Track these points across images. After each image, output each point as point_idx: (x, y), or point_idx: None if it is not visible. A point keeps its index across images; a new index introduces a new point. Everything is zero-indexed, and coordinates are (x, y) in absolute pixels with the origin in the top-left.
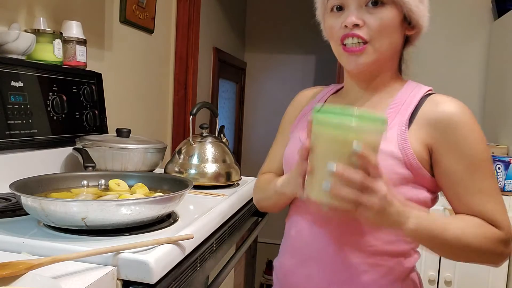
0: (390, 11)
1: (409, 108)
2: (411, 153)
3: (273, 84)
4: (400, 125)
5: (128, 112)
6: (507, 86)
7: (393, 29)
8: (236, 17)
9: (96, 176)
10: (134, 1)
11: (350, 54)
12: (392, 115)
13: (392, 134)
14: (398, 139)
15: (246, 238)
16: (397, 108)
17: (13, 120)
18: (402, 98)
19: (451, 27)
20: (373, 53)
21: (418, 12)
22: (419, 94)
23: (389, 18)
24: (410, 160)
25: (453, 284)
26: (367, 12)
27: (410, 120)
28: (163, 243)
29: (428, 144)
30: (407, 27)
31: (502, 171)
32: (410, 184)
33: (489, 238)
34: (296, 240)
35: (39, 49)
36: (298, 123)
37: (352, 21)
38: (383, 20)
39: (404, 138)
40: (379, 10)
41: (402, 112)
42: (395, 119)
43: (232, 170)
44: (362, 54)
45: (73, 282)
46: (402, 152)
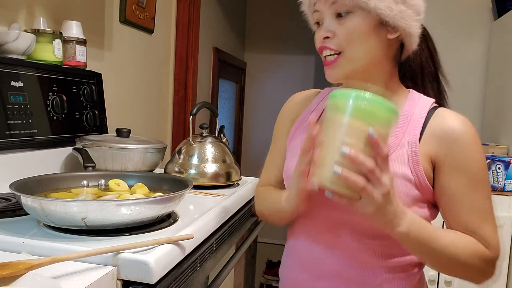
0: (357, 18)
1: (418, 125)
2: (422, 175)
3: (273, 84)
4: (411, 145)
5: (128, 112)
6: (507, 86)
7: (364, 35)
8: (236, 17)
9: (96, 176)
10: (134, 1)
11: (327, 67)
12: (400, 134)
13: (403, 154)
14: (410, 160)
15: (246, 238)
16: (404, 124)
17: (13, 120)
18: (407, 113)
19: (451, 27)
20: (348, 63)
21: (393, 14)
22: (425, 109)
23: (356, 25)
24: (421, 181)
25: (453, 284)
26: (337, 23)
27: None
28: (163, 243)
29: (432, 158)
30: (388, 30)
31: (502, 171)
32: (418, 204)
33: (477, 255)
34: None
35: (39, 49)
36: (295, 133)
37: (322, 34)
38: (350, 28)
39: (416, 160)
40: (347, 19)
41: (410, 131)
42: (404, 138)
43: (232, 170)
44: (336, 66)
45: (73, 282)
46: (414, 174)
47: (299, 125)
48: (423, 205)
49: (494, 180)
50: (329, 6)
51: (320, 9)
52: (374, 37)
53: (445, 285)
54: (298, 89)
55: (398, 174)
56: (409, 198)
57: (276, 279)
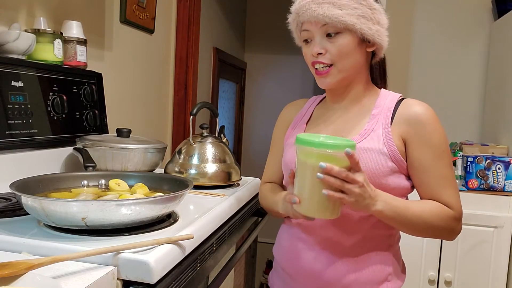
0: (345, 38)
1: (389, 112)
2: (395, 149)
3: (273, 84)
4: (385, 127)
5: (128, 112)
6: (507, 86)
7: (352, 51)
8: (236, 17)
9: (96, 176)
10: (134, 1)
11: (319, 76)
12: (376, 120)
13: (378, 134)
14: (384, 138)
15: (246, 238)
16: (378, 113)
17: (13, 120)
18: (380, 105)
19: (451, 28)
20: (338, 73)
21: (372, 33)
22: (394, 101)
23: (345, 43)
24: (394, 155)
25: (453, 284)
26: (328, 42)
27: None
28: (163, 243)
29: (404, 138)
30: (367, 45)
31: (502, 171)
32: (395, 174)
33: (443, 217)
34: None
35: (40, 49)
36: (291, 132)
37: (315, 51)
38: (341, 46)
39: (389, 138)
40: (336, 39)
41: (383, 116)
42: (378, 122)
43: (232, 170)
44: (328, 76)
45: (73, 282)
46: (388, 149)
47: (293, 127)
48: (400, 176)
49: (494, 181)
50: (320, 27)
51: (310, 29)
52: (358, 51)
53: (445, 285)
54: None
55: (375, 150)
56: (386, 168)
57: None
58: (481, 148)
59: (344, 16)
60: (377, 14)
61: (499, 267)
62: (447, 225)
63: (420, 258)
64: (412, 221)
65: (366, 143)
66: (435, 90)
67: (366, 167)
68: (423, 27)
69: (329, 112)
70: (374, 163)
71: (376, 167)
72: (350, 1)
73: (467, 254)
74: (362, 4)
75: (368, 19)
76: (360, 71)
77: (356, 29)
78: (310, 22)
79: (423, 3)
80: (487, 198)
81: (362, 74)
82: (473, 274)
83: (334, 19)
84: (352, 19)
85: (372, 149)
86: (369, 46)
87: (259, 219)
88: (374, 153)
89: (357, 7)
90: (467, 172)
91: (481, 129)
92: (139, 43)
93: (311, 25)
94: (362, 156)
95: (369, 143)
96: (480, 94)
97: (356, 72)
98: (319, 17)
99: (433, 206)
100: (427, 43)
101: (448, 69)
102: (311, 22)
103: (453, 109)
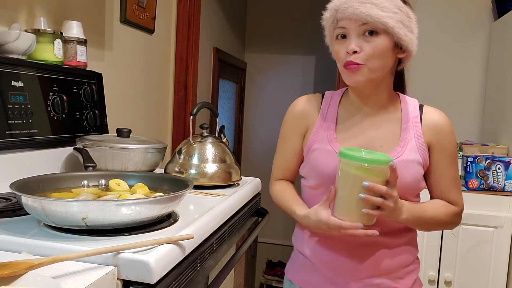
0: (382, 39)
1: (417, 121)
2: (426, 158)
3: (273, 84)
4: (418, 137)
5: (128, 112)
6: (507, 86)
7: (385, 54)
8: (236, 17)
9: (96, 176)
10: (134, 1)
11: (349, 71)
12: (407, 129)
13: (413, 145)
14: (419, 149)
15: (246, 238)
16: (407, 122)
17: (13, 120)
18: (406, 112)
19: (451, 28)
20: (368, 72)
21: (407, 40)
22: (416, 108)
23: (381, 45)
24: (425, 162)
25: (453, 284)
26: (364, 40)
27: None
28: (163, 243)
29: (428, 144)
30: (398, 51)
31: (502, 171)
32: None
33: (450, 214)
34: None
35: (40, 49)
36: (316, 137)
37: (352, 48)
38: (376, 46)
39: (423, 148)
40: (374, 39)
41: (413, 126)
42: (410, 132)
43: (232, 170)
44: (358, 72)
45: (73, 282)
46: (423, 158)
47: (317, 130)
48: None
49: (494, 181)
50: (358, 26)
51: (347, 26)
52: (390, 55)
53: (445, 285)
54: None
55: (414, 161)
56: (420, 176)
57: (276, 279)
58: (481, 148)
59: (385, 18)
60: (412, 23)
61: (499, 267)
62: (452, 220)
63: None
64: (428, 222)
65: (406, 155)
66: (435, 90)
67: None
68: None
69: (358, 116)
70: (414, 173)
71: (415, 176)
72: (391, 6)
73: (467, 254)
74: (401, 11)
75: (405, 25)
76: (387, 76)
77: (394, 33)
78: (350, 19)
79: (423, 3)
80: (487, 198)
81: (389, 79)
82: (473, 274)
83: (376, 19)
84: (392, 22)
85: (412, 161)
86: (400, 52)
87: (259, 219)
88: (414, 164)
89: (397, 12)
90: (467, 172)
91: (481, 129)
92: (139, 43)
93: (350, 22)
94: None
95: (409, 155)
96: (480, 94)
97: (383, 76)
98: (361, 15)
99: (442, 206)
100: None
101: (448, 69)
102: (350, 19)
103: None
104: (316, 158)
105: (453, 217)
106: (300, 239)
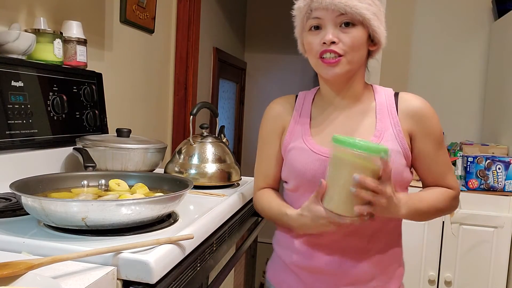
0: (359, 31)
1: (393, 109)
2: (406, 146)
3: (273, 84)
4: (395, 126)
5: (128, 112)
6: (507, 86)
7: (362, 45)
8: (236, 17)
9: (96, 176)
10: (134, 1)
11: (328, 65)
12: (382, 118)
13: (390, 133)
14: (397, 137)
15: (246, 238)
16: (383, 111)
17: (13, 120)
18: (380, 102)
19: (451, 28)
20: (346, 64)
21: (380, 32)
22: (391, 96)
23: (358, 36)
24: (406, 151)
25: (453, 284)
26: (341, 32)
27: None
28: (163, 243)
29: (409, 132)
30: (370, 44)
31: (502, 171)
32: (406, 169)
33: (448, 199)
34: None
35: (40, 49)
36: (292, 136)
37: (330, 38)
38: (355, 38)
39: (401, 136)
40: (351, 30)
41: (389, 114)
42: (386, 121)
43: (232, 170)
44: (337, 65)
45: (73, 282)
46: (402, 147)
47: (292, 129)
48: (407, 169)
49: (494, 181)
50: (336, 17)
51: (322, 17)
52: (365, 48)
53: (445, 285)
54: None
55: (393, 150)
56: (401, 166)
57: None
58: (481, 148)
59: (363, 9)
60: (383, 16)
61: (499, 267)
62: (451, 205)
63: (420, 258)
64: (428, 212)
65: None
66: (435, 90)
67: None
68: (423, 27)
69: (329, 109)
70: (394, 163)
71: (396, 167)
72: None
73: (467, 254)
74: (375, 3)
75: (378, 18)
76: (361, 68)
77: (370, 25)
78: (326, 9)
79: (423, 3)
80: (487, 198)
81: (362, 71)
82: (473, 274)
83: (356, 10)
84: (369, 13)
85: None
86: (371, 45)
87: (259, 219)
88: (393, 154)
89: (371, 4)
90: (467, 172)
91: (481, 129)
92: (139, 43)
93: (327, 12)
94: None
95: (386, 144)
96: (480, 94)
97: (359, 67)
98: (340, 6)
99: (439, 192)
100: (427, 43)
101: (448, 69)
102: (327, 9)
103: (453, 109)
104: (293, 158)
105: (452, 201)
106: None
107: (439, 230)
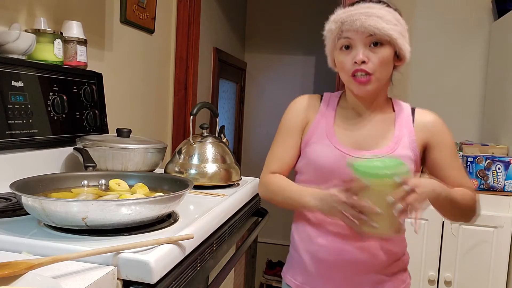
0: (386, 50)
1: (409, 121)
2: (417, 153)
3: (273, 84)
4: (409, 135)
5: (128, 112)
6: (507, 86)
7: (389, 63)
8: (236, 17)
9: (96, 176)
10: (134, 1)
11: (359, 84)
12: (402, 128)
13: (405, 141)
14: (410, 145)
15: (246, 238)
16: (401, 122)
17: (13, 120)
18: (399, 114)
19: (451, 28)
20: (376, 82)
21: (405, 49)
22: (408, 109)
23: (386, 55)
24: (417, 159)
25: (453, 284)
26: (370, 51)
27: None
28: (163, 243)
29: (423, 143)
30: (396, 59)
31: (502, 171)
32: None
33: (472, 199)
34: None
35: (40, 49)
36: (315, 131)
37: (360, 58)
38: (383, 57)
39: (414, 145)
40: (379, 50)
41: (406, 125)
42: (403, 130)
43: (232, 170)
44: (369, 83)
45: (73, 282)
46: (413, 154)
47: (317, 124)
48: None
49: (494, 181)
50: (365, 37)
51: (352, 38)
52: (391, 64)
53: (445, 285)
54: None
55: (406, 156)
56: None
57: (276, 279)
58: (481, 148)
59: (390, 30)
60: (407, 33)
61: (499, 267)
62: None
63: (420, 258)
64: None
65: (399, 151)
66: (435, 90)
67: None
68: (423, 27)
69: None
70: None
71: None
72: (392, 19)
73: (467, 254)
74: (400, 23)
75: (403, 36)
76: (387, 83)
77: (397, 43)
78: (356, 31)
79: (423, 3)
80: (487, 198)
81: (387, 85)
82: (473, 274)
83: (383, 31)
84: (395, 34)
85: (404, 156)
86: (397, 61)
87: (259, 219)
88: (406, 159)
89: (397, 24)
90: (467, 172)
91: (481, 129)
92: (139, 43)
93: (357, 33)
94: None
95: (401, 151)
96: (480, 94)
97: (385, 83)
98: (369, 28)
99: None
100: (427, 43)
101: (448, 69)
102: (357, 31)
103: (453, 109)
104: (314, 151)
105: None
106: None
107: (439, 230)
